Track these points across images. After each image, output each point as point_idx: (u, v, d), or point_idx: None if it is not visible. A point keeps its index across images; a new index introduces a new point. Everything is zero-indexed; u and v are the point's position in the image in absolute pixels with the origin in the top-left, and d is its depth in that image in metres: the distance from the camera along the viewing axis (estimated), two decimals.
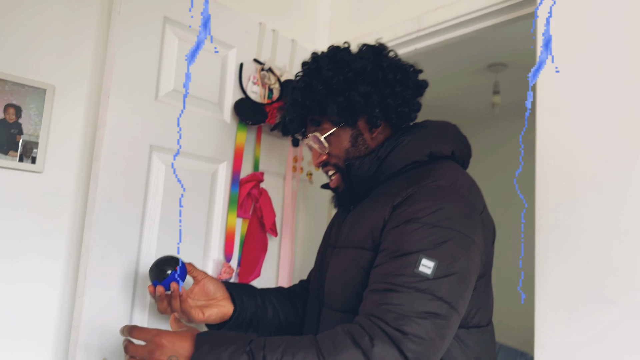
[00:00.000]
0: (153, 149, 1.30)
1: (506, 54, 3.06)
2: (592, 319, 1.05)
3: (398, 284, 0.85)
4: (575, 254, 1.09)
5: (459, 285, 0.87)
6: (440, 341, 0.83)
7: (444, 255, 0.86)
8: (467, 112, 4.24)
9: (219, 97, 1.48)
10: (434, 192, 0.94)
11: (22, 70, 1.22)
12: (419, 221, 0.89)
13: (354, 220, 1.06)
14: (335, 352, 0.81)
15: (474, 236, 0.92)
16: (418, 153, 1.03)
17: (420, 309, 0.82)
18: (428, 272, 0.85)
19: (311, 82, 1.07)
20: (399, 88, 1.06)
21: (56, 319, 1.26)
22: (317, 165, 1.14)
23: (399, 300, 0.83)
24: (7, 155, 1.18)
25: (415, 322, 0.81)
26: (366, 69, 1.04)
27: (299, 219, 1.75)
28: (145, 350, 0.88)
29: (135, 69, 1.26)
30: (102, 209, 1.18)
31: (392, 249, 0.90)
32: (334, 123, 1.08)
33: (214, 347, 0.84)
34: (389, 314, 0.82)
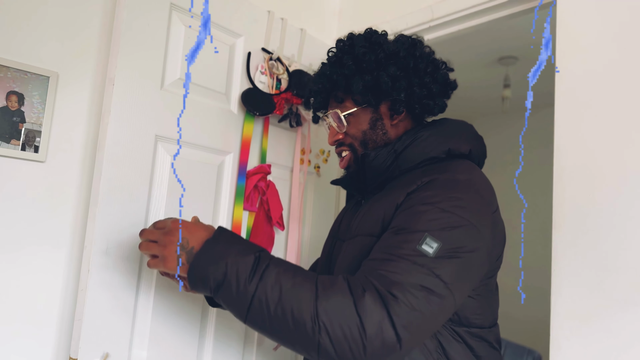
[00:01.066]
0: (158, 139, 1.27)
1: (517, 47, 3.01)
2: (609, 319, 1.02)
3: (397, 254, 0.83)
4: (593, 253, 1.06)
5: (459, 271, 0.84)
6: (431, 318, 0.80)
7: (450, 240, 0.84)
8: (477, 105, 4.19)
9: (225, 86, 1.45)
10: (450, 183, 0.92)
11: (25, 56, 1.19)
12: (431, 204, 0.88)
13: (366, 211, 1.04)
14: (330, 291, 0.79)
15: (483, 231, 0.89)
16: (436, 149, 1.01)
17: (415, 281, 0.79)
18: (430, 252, 0.82)
19: (342, 57, 1.07)
20: (427, 79, 1.05)
21: (58, 311, 1.24)
22: (331, 143, 1.13)
23: (395, 269, 0.81)
24: (9, 143, 1.15)
25: (409, 291, 0.78)
26: (399, 53, 1.04)
27: (306, 213, 1.72)
28: (161, 232, 0.92)
29: (140, 56, 1.23)
30: (106, 201, 1.16)
31: (399, 226, 0.88)
32: (356, 102, 1.07)
33: (227, 241, 0.86)
34: (383, 278, 0.80)
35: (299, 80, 1.57)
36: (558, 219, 1.11)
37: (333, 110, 1.10)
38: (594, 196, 1.07)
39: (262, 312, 0.80)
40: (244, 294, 0.80)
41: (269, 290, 0.80)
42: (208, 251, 0.85)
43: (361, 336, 0.75)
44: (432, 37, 1.69)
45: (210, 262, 0.83)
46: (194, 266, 0.84)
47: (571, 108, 1.13)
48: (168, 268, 0.90)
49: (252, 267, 0.82)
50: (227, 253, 0.84)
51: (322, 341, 0.76)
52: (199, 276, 0.84)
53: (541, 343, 3.12)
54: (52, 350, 1.22)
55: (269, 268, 0.82)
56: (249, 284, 0.80)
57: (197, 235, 0.89)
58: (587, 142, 1.10)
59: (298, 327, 0.78)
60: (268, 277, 0.81)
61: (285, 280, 0.81)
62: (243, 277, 0.81)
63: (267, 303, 0.79)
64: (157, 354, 1.24)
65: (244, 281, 0.81)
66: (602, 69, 1.10)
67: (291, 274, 0.82)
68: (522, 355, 2.86)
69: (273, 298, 0.79)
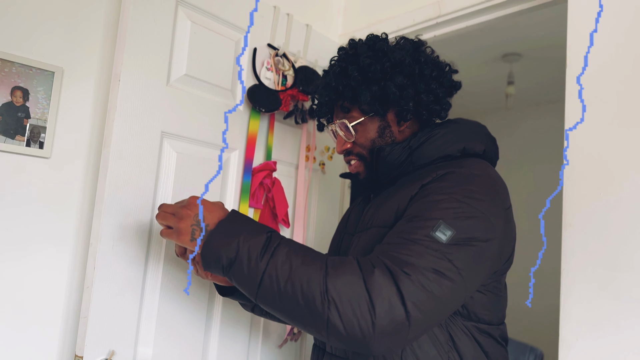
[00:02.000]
0: (164, 136, 1.26)
1: (521, 43, 3.00)
2: (620, 319, 1.01)
3: (410, 239, 0.82)
4: (603, 252, 1.05)
5: (471, 259, 0.83)
6: (441, 301, 0.79)
7: (464, 229, 0.83)
8: (480, 102, 4.18)
9: (231, 83, 1.43)
10: (467, 176, 0.92)
11: (29, 51, 1.17)
12: (446, 194, 0.88)
13: (379, 204, 1.04)
14: (339, 268, 0.79)
15: (496, 224, 0.89)
16: (451, 147, 1.01)
17: (427, 264, 0.79)
18: (443, 238, 0.81)
19: (347, 67, 1.07)
20: (434, 85, 1.05)
21: (63, 308, 1.23)
22: (340, 152, 1.13)
23: (408, 251, 0.80)
24: (14, 139, 1.14)
25: (420, 272, 0.78)
26: (404, 61, 1.04)
27: (311, 210, 1.71)
28: (179, 205, 0.92)
29: (146, 52, 1.22)
30: (112, 197, 1.14)
31: (414, 214, 0.88)
32: (363, 112, 1.07)
33: (240, 222, 0.87)
34: (395, 258, 0.80)
35: (305, 77, 1.56)
36: (568, 217, 1.10)
37: (340, 121, 1.09)
38: (605, 194, 1.06)
39: (272, 288, 0.80)
40: (255, 271, 0.81)
41: (279, 266, 0.80)
42: (221, 230, 0.86)
43: (370, 312, 0.74)
44: (440, 34, 1.68)
45: (223, 240, 0.84)
46: (208, 243, 0.85)
47: (582, 105, 1.12)
48: (181, 241, 0.90)
49: (264, 245, 0.83)
50: (239, 232, 0.84)
51: (331, 317, 0.76)
52: (212, 254, 0.84)
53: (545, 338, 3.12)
54: (57, 348, 1.22)
55: (280, 246, 0.83)
56: (260, 261, 0.81)
57: (214, 214, 0.89)
58: (598, 139, 1.09)
59: (307, 302, 0.77)
60: (279, 255, 0.81)
61: (296, 258, 0.81)
62: (254, 255, 0.82)
63: (277, 279, 0.79)
64: (163, 352, 1.24)
65: (255, 258, 0.81)
66: (613, 64, 1.09)
67: (301, 253, 0.83)
68: (524, 352, 2.86)
69: (283, 274, 0.79)
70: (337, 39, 1.94)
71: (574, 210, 1.10)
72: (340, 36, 1.95)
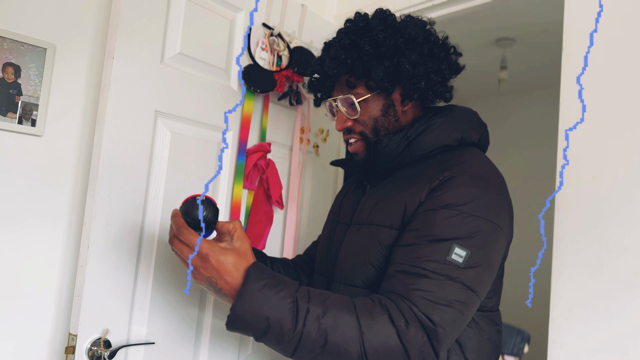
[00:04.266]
0: (158, 115, 1.25)
1: (515, 28, 3.00)
2: (610, 301, 1.03)
3: (430, 269, 0.85)
4: (595, 235, 1.07)
5: (485, 275, 0.89)
6: (460, 327, 0.87)
7: (476, 245, 0.87)
8: (473, 86, 4.18)
9: (226, 62, 1.42)
10: (471, 180, 0.93)
11: (21, 27, 1.15)
12: (455, 208, 0.89)
13: (379, 198, 1.03)
14: (372, 323, 0.81)
15: (503, 226, 0.93)
16: (449, 137, 1.02)
17: (449, 297, 0.84)
18: (459, 261, 0.85)
19: (358, 40, 1.02)
20: (444, 65, 1.04)
21: (56, 287, 1.23)
22: (340, 130, 1.09)
23: (430, 287, 0.84)
24: (6, 117, 1.13)
25: (443, 310, 0.83)
26: (418, 38, 1.01)
27: (305, 192, 1.71)
28: (189, 257, 0.84)
29: (140, 29, 1.20)
30: (106, 176, 1.14)
31: (425, 232, 0.89)
32: (370, 88, 1.04)
33: (267, 286, 0.82)
34: (421, 300, 0.83)
35: (300, 58, 1.55)
36: (561, 201, 1.12)
37: (345, 96, 1.05)
38: (598, 178, 1.08)
39: (309, 353, 0.82)
40: (290, 341, 0.81)
41: (314, 335, 0.80)
42: (245, 301, 0.81)
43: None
44: (434, 17, 1.67)
45: (250, 313, 0.81)
46: (234, 317, 0.82)
47: (577, 91, 1.13)
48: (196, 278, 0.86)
49: (294, 315, 0.81)
50: (265, 303, 0.81)
51: None
52: (242, 326, 0.83)
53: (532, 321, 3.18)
54: (50, 327, 1.22)
55: (309, 313, 0.81)
56: (293, 333, 0.80)
57: (227, 278, 0.83)
58: (593, 124, 1.10)
59: None
60: (310, 323, 0.81)
61: (328, 323, 0.81)
62: (287, 327, 0.80)
63: (312, 347, 0.81)
64: (157, 330, 1.24)
65: (288, 331, 0.80)
66: (608, 51, 1.10)
67: (332, 314, 0.82)
68: (511, 334, 2.92)
69: (319, 342, 0.81)
70: (332, 20, 1.93)
71: (567, 194, 1.11)
72: (335, 17, 1.94)
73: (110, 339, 1.14)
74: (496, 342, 1.02)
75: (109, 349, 1.13)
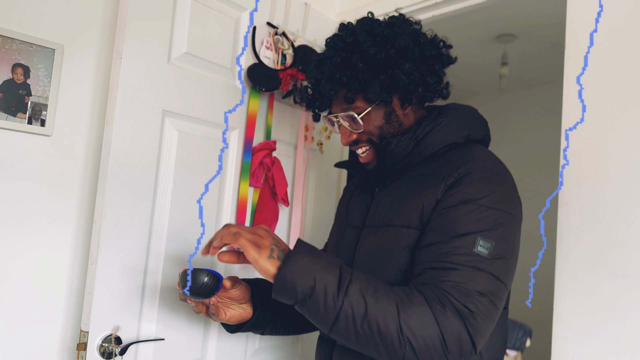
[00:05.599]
0: (165, 114, 1.26)
1: (516, 24, 3.00)
2: (613, 295, 1.05)
3: (457, 262, 0.86)
4: (598, 229, 1.08)
5: (510, 265, 0.90)
6: (494, 317, 0.87)
7: (500, 237, 0.88)
8: (473, 82, 4.19)
9: (231, 61, 1.43)
10: (486, 175, 0.95)
11: (29, 28, 1.17)
12: (475, 203, 0.90)
13: (394, 199, 1.03)
14: (410, 304, 0.83)
15: (519, 217, 0.95)
16: (456, 135, 1.03)
17: (480, 288, 0.85)
18: (485, 253, 0.87)
19: (349, 57, 1.02)
20: (437, 65, 1.04)
21: (66, 286, 1.25)
22: (347, 144, 1.10)
23: (461, 278, 0.85)
24: (16, 117, 1.14)
25: (478, 299, 0.84)
26: (408, 45, 1.01)
27: (309, 189, 1.73)
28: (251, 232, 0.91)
29: (147, 29, 1.21)
30: (115, 174, 1.15)
31: (448, 229, 0.90)
32: (369, 101, 1.04)
33: (311, 253, 0.88)
34: (454, 290, 0.84)
35: (304, 56, 1.56)
36: (564, 196, 1.13)
37: (346, 113, 1.05)
38: (601, 172, 1.09)
39: (348, 325, 0.83)
40: (332, 309, 0.83)
41: (354, 305, 0.83)
42: (296, 262, 0.86)
43: (443, 348, 0.82)
44: (439, 13, 1.68)
45: (299, 273, 0.85)
46: (282, 276, 0.85)
47: (583, 80, 1.14)
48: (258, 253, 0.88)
49: (338, 281, 0.84)
50: (314, 266, 0.86)
51: (407, 354, 0.82)
52: (287, 287, 0.85)
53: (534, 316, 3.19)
54: (61, 324, 1.24)
55: (352, 283, 0.85)
56: (337, 298, 0.83)
57: (280, 242, 0.92)
58: (595, 118, 1.11)
59: (384, 341, 0.82)
60: (352, 293, 0.84)
61: (368, 295, 0.84)
62: (331, 292, 0.83)
63: (353, 318, 0.83)
64: (166, 326, 1.26)
65: (332, 296, 0.83)
66: (610, 46, 1.11)
67: (372, 289, 0.85)
68: (513, 329, 2.93)
69: (359, 313, 0.82)
70: (335, 18, 1.94)
71: (570, 189, 1.13)
72: (337, 15, 1.95)
73: (120, 335, 1.16)
74: (505, 339, 1.04)
75: (120, 345, 1.15)
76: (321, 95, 1.09)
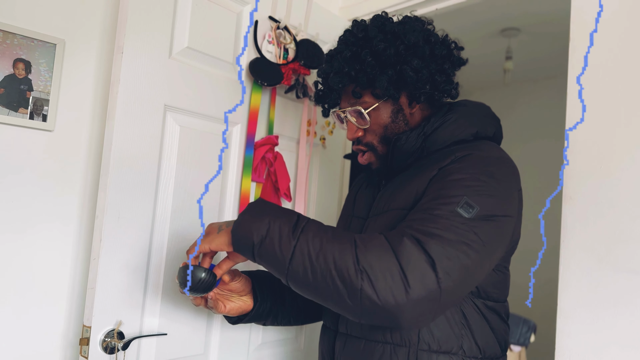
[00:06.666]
0: (167, 109, 1.26)
1: (520, 18, 2.98)
2: (617, 290, 1.04)
3: (435, 214, 0.85)
4: (602, 224, 1.07)
5: (494, 233, 0.86)
6: (469, 270, 0.82)
7: (486, 206, 0.86)
8: (477, 77, 4.17)
9: (233, 56, 1.43)
10: (484, 158, 0.94)
11: (31, 23, 1.16)
12: (468, 173, 0.90)
13: (395, 188, 1.04)
14: (368, 242, 0.82)
15: (513, 203, 0.93)
16: (465, 131, 1.02)
17: (454, 237, 0.81)
18: (467, 214, 0.84)
19: (359, 52, 1.03)
20: (447, 65, 1.04)
21: (69, 281, 1.25)
22: (352, 139, 1.10)
23: (435, 224, 0.83)
24: (18, 112, 1.14)
25: (448, 243, 0.80)
26: (418, 42, 1.01)
27: (312, 184, 1.72)
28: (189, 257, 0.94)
29: (148, 24, 1.20)
30: (117, 170, 1.15)
31: (436, 194, 0.89)
32: (376, 97, 1.04)
33: (268, 205, 0.91)
34: (422, 230, 0.82)
35: (307, 50, 1.55)
36: (568, 190, 1.12)
37: (353, 108, 1.06)
38: (605, 167, 1.08)
39: (304, 263, 0.82)
40: (287, 247, 0.83)
41: (310, 241, 0.83)
42: (251, 212, 0.89)
43: (403, 280, 0.77)
44: (443, 7, 1.67)
45: (254, 219, 0.87)
46: (238, 224, 0.88)
47: (584, 80, 1.13)
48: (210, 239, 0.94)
49: (294, 223, 0.86)
50: (268, 212, 0.88)
51: (365, 287, 0.77)
52: (243, 233, 0.87)
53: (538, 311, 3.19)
54: (64, 319, 1.24)
55: (309, 223, 0.86)
56: (292, 236, 0.84)
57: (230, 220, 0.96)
58: (600, 113, 1.10)
59: (340, 274, 0.79)
60: (309, 231, 0.84)
61: (325, 233, 0.84)
62: (286, 230, 0.84)
63: (308, 253, 0.82)
64: (169, 321, 1.26)
65: (287, 234, 0.84)
66: (615, 40, 1.10)
67: (330, 229, 0.86)
68: (517, 324, 2.93)
69: (314, 247, 0.82)
70: (338, 12, 1.92)
71: (574, 184, 1.12)
72: (340, 9, 1.93)
73: (123, 330, 1.16)
74: (502, 334, 1.03)
75: (123, 340, 1.15)
76: (330, 90, 1.10)
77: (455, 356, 0.94)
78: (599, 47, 1.12)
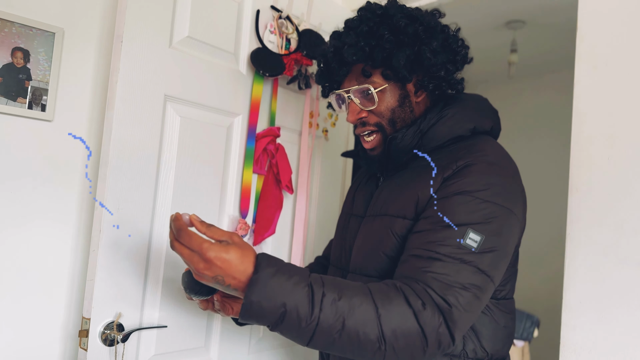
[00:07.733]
0: (167, 99, 1.24)
1: (525, 10, 2.95)
2: (623, 283, 1.02)
3: (443, 253, 0.85)
4: (609, 215, 1.06)
5: (499, 260, 0.88)
6: (476, 311, 0.87)
7: (491, 231, 0.86)
8: (482, 70, 4.13)
9: (234, 46, 1.41)
10: (485, 168, 0.92)
11: (29, 11, 1.15)
12: (470, 194, 0.89)
13: (392, 189, 1.03)
14: (389, 304, 0.81)
15: (517, 213, 0.92)
16: (462, 127, 1.00)
17: (463, 280, 0.83)
18: (474, 246, 0.85)
19: (376, 27, 0.99)
20: (458, 57, 1.03)
21: (69, 272, 1.24)
22: (354, 121, 1.06)
23: (444, 270, 0.84)
24: (16, 102, 1.13)
25: (459, 292, 0.83)
26: (436, 27, 1.00)
27: (314, 176, 1.71)
28: (191, 259, 0.81)
29: (148, 13, 1.19)
30: (117, 160, 1.14)
31: (439, 218, 0.89)
32: (386, 77, 1.01)
33: (280, 272, 0.80)
34: (435, 282, 0.83)
35: (309, 41, 1.53)
36: (575, 182, 1.10)
37: (362, 86, 1.02)
38: (612, 158, 1.06)
39: (326, 339, 0.81)
40: (306, 328, 0.79)
41: (331, 319, 0.79)
42: (260, 288, 0.78)
43: (422, 343, 0.81)
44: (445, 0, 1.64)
45: (266, 300, 0.78)
46: (249, 306, 0.79)
47: (591, 71, 1.11)
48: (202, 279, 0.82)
49: (310, 299, 0.79)
50: (280, 288, 0.79)
51: (388, 355, 0.82)
52: (256, 315, 0.80)
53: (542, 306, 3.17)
54: (63, 311, 1.23)
55: (325, 297, 0.80)
56: (310, 318, 0.79)
57: (234, 273, 0.80)
58: (607, 104, 1.08)
59: (364, 347, 0.81)
60: (326, 307, 0.79)
61: (343, 304, 0.80)
62: (303, 312, 0.79)
63: (329, 332, 0.80)
64: (169, 314, 1.25)
65: (305, 316, 0.79)
66: (623, 31, 1.07)
67: (348, 296, 0.81)
68: (521, 319, 2.91)
69: (336, 327, 0.79)
70: (341, 2, 1.90)
71: (580, 175, 1.10)
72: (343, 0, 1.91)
73: (123, 322, 1.15)
74: (510, 330, 1.02)
75: (122, 332, 1.14)
76: (340, 65, 1.04)
77: (457, 358, 0.95)
78: (606, 35, 1.09)
